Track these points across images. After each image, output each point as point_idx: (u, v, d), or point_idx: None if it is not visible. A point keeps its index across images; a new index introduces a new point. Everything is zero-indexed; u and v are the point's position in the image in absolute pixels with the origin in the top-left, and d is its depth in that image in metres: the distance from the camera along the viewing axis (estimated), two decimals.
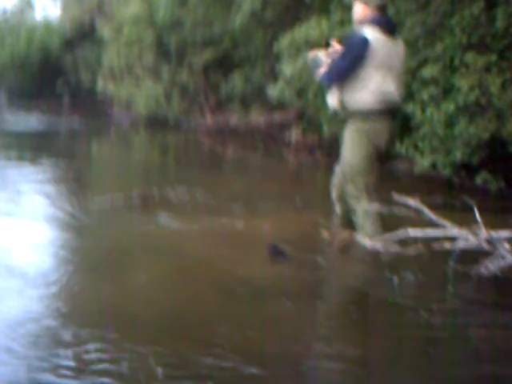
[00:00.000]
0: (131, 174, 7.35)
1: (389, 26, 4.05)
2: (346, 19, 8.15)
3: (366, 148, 4.08)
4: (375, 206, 4.00)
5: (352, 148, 4.12)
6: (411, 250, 3.70)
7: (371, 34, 3.95)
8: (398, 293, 3.30)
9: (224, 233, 4.36)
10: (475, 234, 3.63)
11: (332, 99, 4.17)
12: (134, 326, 2.70)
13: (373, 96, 3.99)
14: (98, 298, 3.06)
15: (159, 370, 2.30)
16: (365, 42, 3.93)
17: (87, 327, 2.65)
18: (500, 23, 5.97)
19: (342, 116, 4.29)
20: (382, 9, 4.11)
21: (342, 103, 4.10)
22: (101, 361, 2.36)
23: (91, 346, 2.46)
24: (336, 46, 4.16)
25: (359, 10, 4.09)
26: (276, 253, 3.72)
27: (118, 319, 2.76)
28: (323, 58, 4.13)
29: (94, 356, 2.39)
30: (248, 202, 5.45)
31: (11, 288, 3.08)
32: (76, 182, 6.41)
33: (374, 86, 3.97)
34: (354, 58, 3.96)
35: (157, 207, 4.99)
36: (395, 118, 4.24)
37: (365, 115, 4.04)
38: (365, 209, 4.04)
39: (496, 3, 6.05)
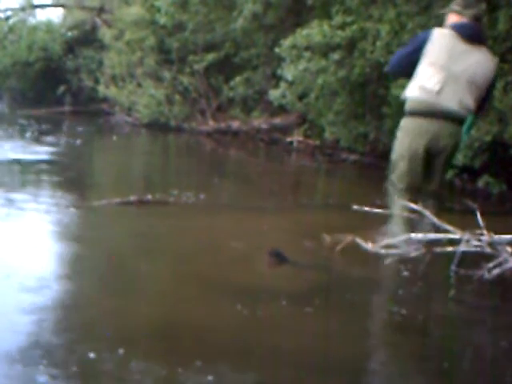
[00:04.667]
0: (132, 177, 7.34)
1: (468, 33, 3.92)
2: (348, 23, 8.16)
3: (403, 147, 4.01)
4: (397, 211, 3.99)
5: (395, 143, 4.12)
6: (413, 254, 3.67)
7: (440, 32, 3.93)
8: (398, 297, 3.28)
9: (225, 235, 4.35)
10: (477, 238, 3.61)
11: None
12: (130, 325, 2.68)
13: (415, 92, 3.94)
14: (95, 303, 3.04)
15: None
16: (426, 34, 3.94)
17: (86, 336, 2.64)
18: (502, 26, 5.96)
19: None
20: (476, 19, 4.01)
21: (404, 96, 4.11)
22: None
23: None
24: None
25: (451, 19, 4.03)
26: (277, 258, 3.70)
27: (115, 323, 2.75)
28: None
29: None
30: (248, 204, 5.44)
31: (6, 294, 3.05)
32: (78, 185, 6.40)
33: (418, 82, 3.91)
34: (411, 45, 4.01)
35: (157, 209, 4.98)
36: (455, 128, 3.97)
37: (406, 110, 4.02)
38: (390, 207, 4.10)
39: (498, 6, 6.05)
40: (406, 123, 4.03)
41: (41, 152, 8.44)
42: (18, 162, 7.16)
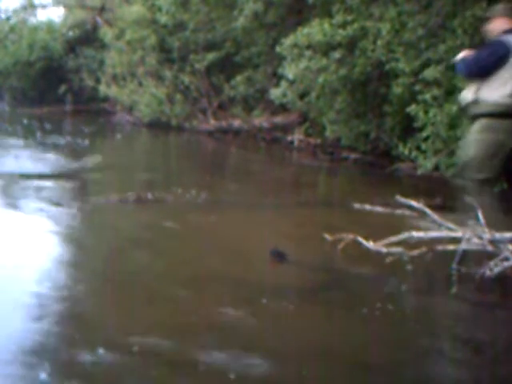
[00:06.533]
0: (132, 176, 7.35)
1: None
2: (349, 21, 8.16)
3: (489, 145, 4.44)
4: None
5: (474, 142, 4.53)
6: (414, 252, 3.68)
7: None
8: (400, 295, 3.29)
9: (226, 233, 4.36)
10: (479, 236, 3.62)
11: (468, 93, 4.57)
12: (135, 324, 2.69)
13: (505, 98, 4.36)
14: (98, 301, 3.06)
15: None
16: (506, 46, 4.32)
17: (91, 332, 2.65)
18: None
19: (472, 112, 4.63)
20: None
21: (476, 99, 4.48)
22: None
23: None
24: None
25: (502, 23, 4.45)
26: (278, 257, 3.71)
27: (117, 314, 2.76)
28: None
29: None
30: (250, 202, 5.45)
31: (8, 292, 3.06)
32: (82, 183, 6.41)
33: (507, 89, 4.34)
34: (494, 56, 4.37)
35: (158, 207, 4.99)
36: None
37: (494, 113, 4.41)
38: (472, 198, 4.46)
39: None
40: (491, 124, 4.45)
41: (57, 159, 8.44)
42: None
